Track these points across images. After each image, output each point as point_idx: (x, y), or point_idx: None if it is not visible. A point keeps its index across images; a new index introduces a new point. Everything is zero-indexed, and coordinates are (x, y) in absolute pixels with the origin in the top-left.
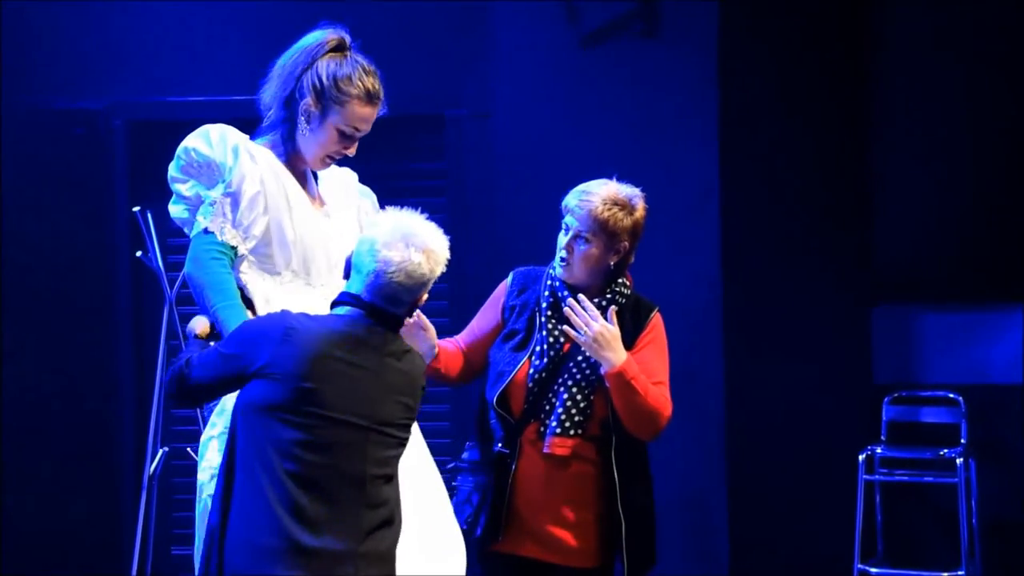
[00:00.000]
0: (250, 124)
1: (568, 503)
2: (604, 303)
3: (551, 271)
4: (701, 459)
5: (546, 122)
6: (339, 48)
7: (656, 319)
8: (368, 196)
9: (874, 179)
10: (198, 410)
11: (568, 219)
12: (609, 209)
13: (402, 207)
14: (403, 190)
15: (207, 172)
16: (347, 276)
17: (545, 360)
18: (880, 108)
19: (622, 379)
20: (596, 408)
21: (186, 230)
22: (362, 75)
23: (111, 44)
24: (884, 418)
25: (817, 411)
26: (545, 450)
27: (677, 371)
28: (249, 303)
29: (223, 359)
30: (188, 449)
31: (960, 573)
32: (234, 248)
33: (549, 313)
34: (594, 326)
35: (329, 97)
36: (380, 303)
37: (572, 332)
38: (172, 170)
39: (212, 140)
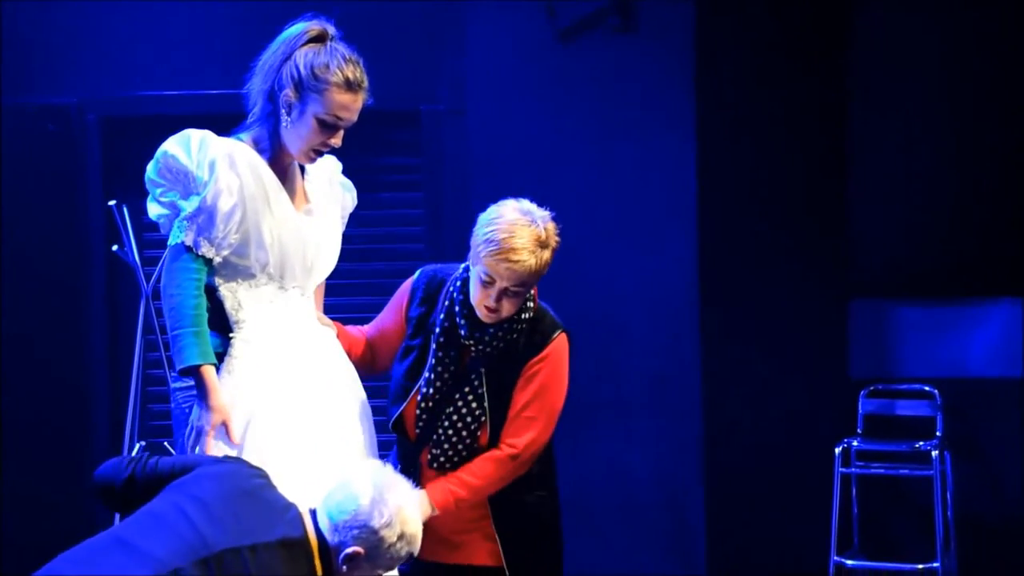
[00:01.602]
0: (224, 119)
1: (459, 519)
2: (500, 332)
3: (452, 290)
4: (678, 454)
5: (522, 117)
6: (319, 38)
7: (554, 345)
8: (350, 190)
9: (851, 174)
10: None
11: (488, 276)
12: (539, 258)
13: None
14: (379, 185)
15: (183, 181)
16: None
17: (432, 389)
18: (858, 103)
19: (451, 507)
20: (480, 439)
21: (162, 231)
22: (341, 63)
23: (84, 39)
24: (860, 411)
25: (794, 405)
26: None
27: (655, 366)
28: (220, 305)
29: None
30: (165, 443)
31: (935, 565)
32: (210, 260)
33: (442, 340)
34: None
35: (307, 87)
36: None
37: None
38: (150, 172)
39: (191, 149)
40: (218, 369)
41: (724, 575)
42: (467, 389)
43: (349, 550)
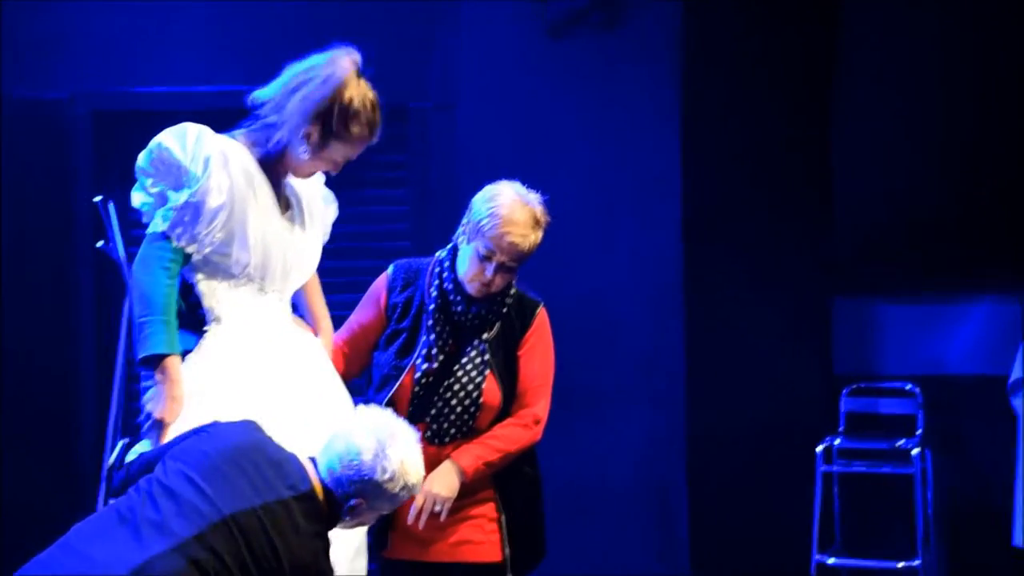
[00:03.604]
0: (215, 115)
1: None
2: (495, 306)
3: (439, 271)
4: (661, 449)
5: (510, 113)
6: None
7: (540, 317)
8: (332, 203)
9: (833, 171)
10: None
11: (489, 250)
12: (536, 236)
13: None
14: (366, 181)
15: (175, 174)
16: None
17: (434, 364)
18: (840, 101)
19: (480, 473)
20: (484, 410)
21: (144, 219)
22: (370, 113)
23: (76, 33)
24: (843, 409)
25: (777, 402)
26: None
27: (638, 361)
28: (197, 303)
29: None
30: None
31: (916, 562)
32: (188, 254)
33: (438, 315)
34: (425, 510)
35: (335, 133)
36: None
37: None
38: (141, 161)
39: (187, 143)
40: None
41: (706, 570)
42: (465, 360)
43: (353, 502)
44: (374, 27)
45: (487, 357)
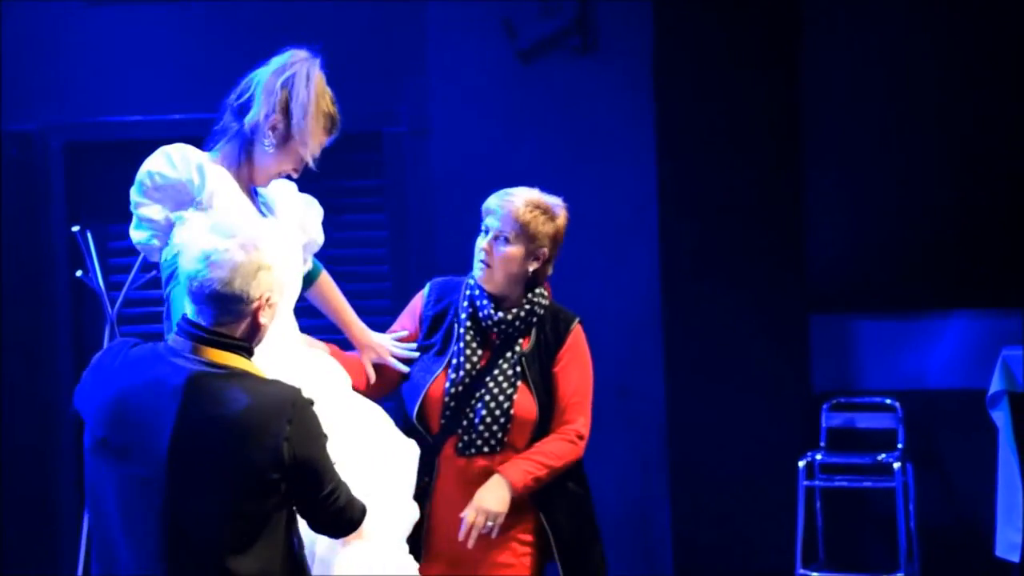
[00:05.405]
0: (188, 143)
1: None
2: (523, 313)
3: (470, 280)
4: (643, 470)
5: (484, 138)
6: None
7: (576, 332)
8: (313, 205)
9: (808, 190)
10: None
11: (489, 220)
12: (531, 211)
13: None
14: (342, 207)
15: (174, 194)
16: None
17: (461, 373)
18: (813, 120)
19: (528, 489)
20: (516, 422)
21: (150, 256)
22: (329, 104)
23: (46, 65)
24: (823, 425)
25: (757, 419)
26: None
27: (618, 383)
28: None
29: None
30: None
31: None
32: None
33: (469, 324)
34: (477, 526)
35: (296, 124)
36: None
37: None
38: (135, 195)
39: (175, 161)
40: None
41: None
42: (496, 371)
43: (243, 326)
44: (347, 53)
45: (519, 369)
